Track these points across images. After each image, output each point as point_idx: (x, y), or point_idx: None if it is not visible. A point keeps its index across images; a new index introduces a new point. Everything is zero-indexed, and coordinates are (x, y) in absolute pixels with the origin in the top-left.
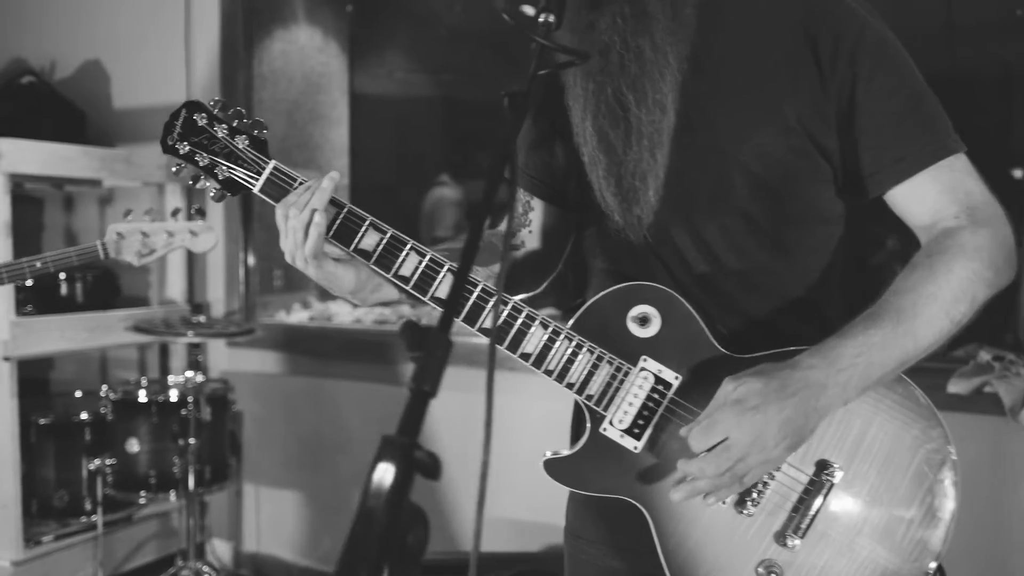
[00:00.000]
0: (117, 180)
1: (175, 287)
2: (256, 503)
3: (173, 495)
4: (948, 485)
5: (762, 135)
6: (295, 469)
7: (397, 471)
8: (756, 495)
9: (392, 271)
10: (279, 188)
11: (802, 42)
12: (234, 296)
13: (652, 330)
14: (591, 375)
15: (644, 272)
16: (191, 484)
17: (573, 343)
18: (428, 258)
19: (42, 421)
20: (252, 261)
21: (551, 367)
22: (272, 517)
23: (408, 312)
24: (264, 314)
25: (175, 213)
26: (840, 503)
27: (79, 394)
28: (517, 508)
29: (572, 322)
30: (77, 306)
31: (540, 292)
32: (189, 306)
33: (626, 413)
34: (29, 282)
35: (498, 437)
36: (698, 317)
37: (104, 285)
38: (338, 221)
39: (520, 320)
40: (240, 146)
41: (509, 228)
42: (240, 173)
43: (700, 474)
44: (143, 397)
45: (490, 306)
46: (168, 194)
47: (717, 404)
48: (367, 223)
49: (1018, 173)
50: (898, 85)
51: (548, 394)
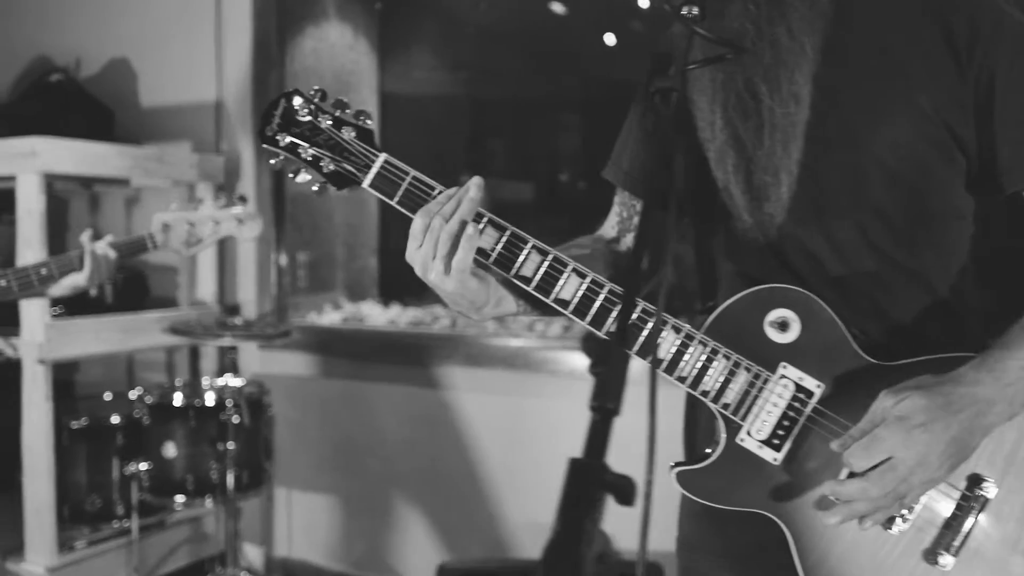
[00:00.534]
0: (149, 179)
1: (206, 288)
2: (288, 507)
3: (209, 500)
4: None
5: (897, 127)
6: (328, 472)
7: (588, 496)
8: (905, 511)
9: (513, 270)
10: (389, 182)
11: (936, 30)
12: (266, 297)
13: (791, 335)
14: (727, 383)
15: (773, 274)
16: (229, 489)
17: (708, 348)
18: (551, 257)
19: (74, 425)
20: (284, 261)
21: (684, 374)
22: (304, 521)
23: (440, 312)
24: (295, 315)
25: (219, 201)
26: (994, 520)
27: (109, 396)
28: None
29: (706, 326)
30: (107, 307)
31: (644, 296)
32: (220, 307)
33: (764, 423)
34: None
35: (533, 440)
36: (839, 322)
37: (134, 286)
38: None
39: (651, 324)
40: (347, 137)
41: (668, 245)
42: (348, 166)
43: (861, 495)
44: (179, 400)
45: (650, 328)
46: (199, 194)
47: (875, 419)
48: (508, 232)
49: None
50: None
51: (582, 398)
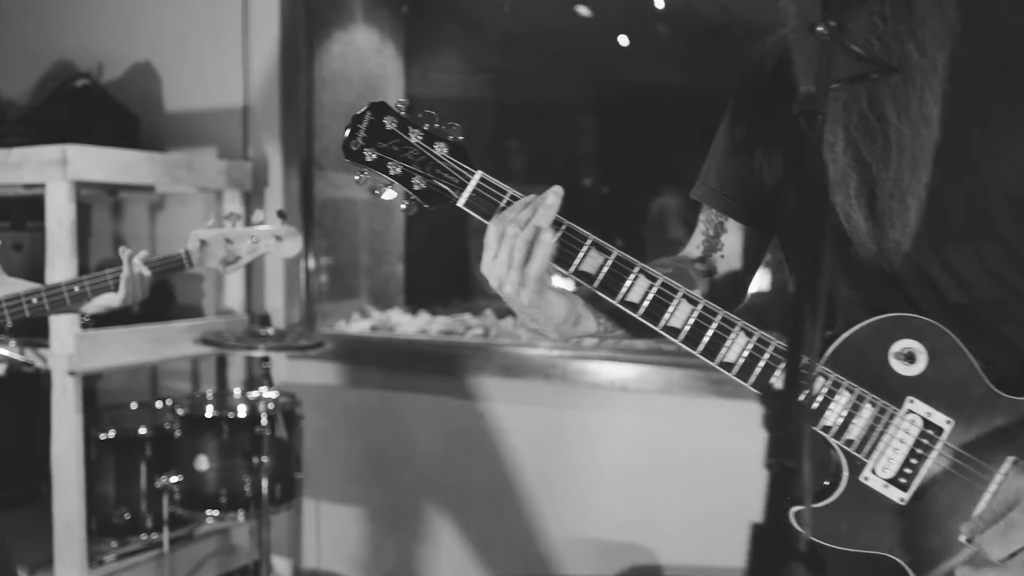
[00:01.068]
0: (177, 186)
1: (233, 296)
2: (316, 519)
3: (242, 515)
4: None
5: (1021, 150)
6: (357, 484)
7: (777, 568)
8: None
9: (619, 296)
10: (485, 201)
11: None
12: (294, 305)
13: (918, 368)
14: (851, 418)
15: (892, 302)
16: (263, 503)
17: (830, 381)
18: (660, 283)
19: (102, 436)
20: (313, 268)
21: None
22: (333, 533)
23: (472, 321)
24: (322, 323)
25: (257, 216)
26: None
27: (134, 406)
28: (600, 528)
29: (826, 357)
30: (133, 317)
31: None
32: (248, 316)
33: (891, 460)
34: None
35: (573, 453)
36: (968, 353)
37: (159, 294)
38: (554, 240)
39: (768, 355)
40: (439, 153)
41: (823, 284)
42: (441, 184)
43: None
44: (211, 412)
45: (809, 382)
46: (226, 201)
47: (1008, 500)
48: (589, 242)
49: None
50: None
51: (630, 410)
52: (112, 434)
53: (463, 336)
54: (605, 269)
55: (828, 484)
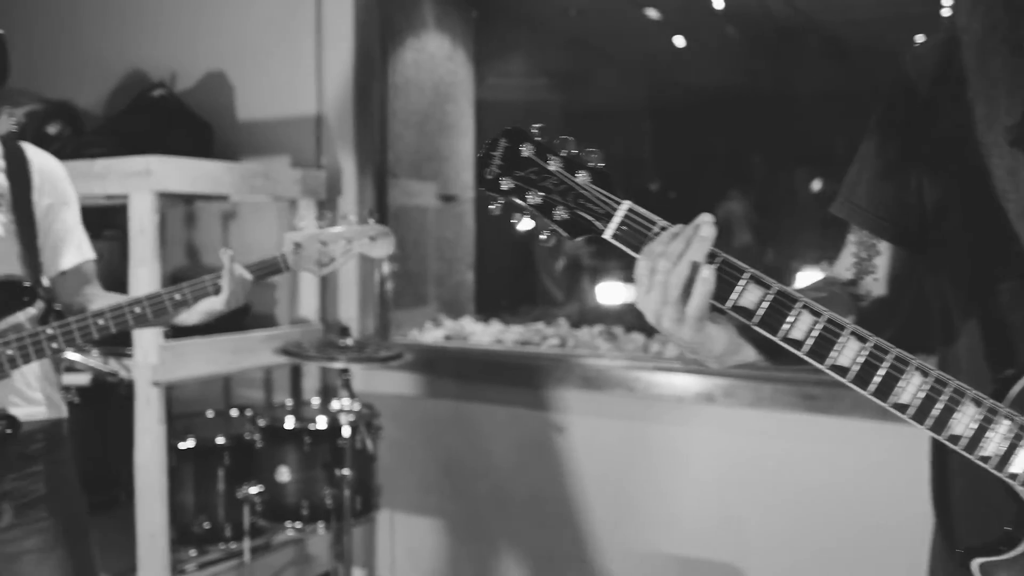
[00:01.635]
0: (255, 196)
1: (308, 305)
2: (391, 530)
3: (323, 527)
4: None
5: None
6: (433, 495)
7: None
8: None
9: (780, 333)
10: (634, 233)
11: None
12: (369, 314)
13: None
14: None
15: None
16: (345, 514)
17: (1017, 425)
18: (825, 319)
19: (181, 445)
20: (387, 276)
21: (987, 453)
22: (408, 544)
23: (547, 331)
24: (396, 332)
25: (350, 218)
26: None
27: (210, 414)
28: (683, 545)
29: (1010, 398)
30: (210, 327)
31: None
32: (323, 325)
33: None
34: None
35: (654, 468)
36: None
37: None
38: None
39: (947, 396)
40: (580, 181)
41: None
42: (584, 215)
43: None
44: (291, 423)
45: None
46: (301, 209)
47: None
48: (747, 275)
49: None
50: None
51: (715, 424)
52: (192, 443)
53: (539, 347)
54: (765, 304)
55: (1010, 530)
